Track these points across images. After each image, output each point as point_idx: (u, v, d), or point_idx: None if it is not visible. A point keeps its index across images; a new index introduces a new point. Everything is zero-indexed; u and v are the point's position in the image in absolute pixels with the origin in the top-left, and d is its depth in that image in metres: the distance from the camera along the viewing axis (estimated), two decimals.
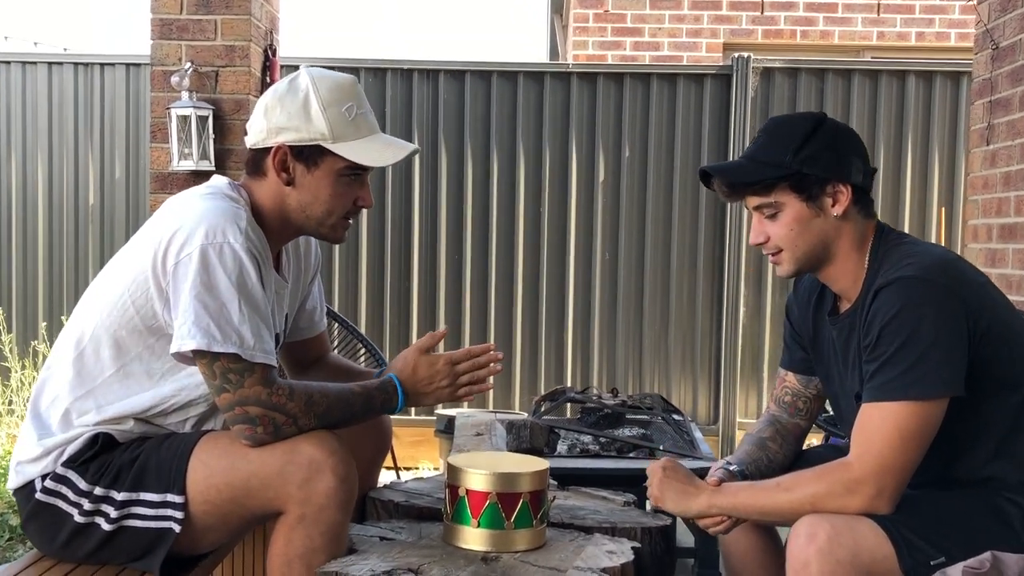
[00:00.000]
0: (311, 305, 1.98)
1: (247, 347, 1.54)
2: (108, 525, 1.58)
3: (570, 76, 4.80)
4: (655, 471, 1.69)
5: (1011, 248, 3.55)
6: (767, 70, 4.78)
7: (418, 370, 1.75)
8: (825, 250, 1.64)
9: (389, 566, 1.52)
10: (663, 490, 1.66)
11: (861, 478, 1.49)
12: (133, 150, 4.88)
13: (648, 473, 1.71)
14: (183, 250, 1.55)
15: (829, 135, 1.63)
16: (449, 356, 1.76)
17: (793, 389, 1.87)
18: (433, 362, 1.75)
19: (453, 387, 1.76)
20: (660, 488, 1.67)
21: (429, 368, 1.75)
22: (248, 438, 1.57)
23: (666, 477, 1.67)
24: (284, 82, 1.70)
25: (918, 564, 1.45)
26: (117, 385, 1.63)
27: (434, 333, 1.79)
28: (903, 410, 1.48)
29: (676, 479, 1.67)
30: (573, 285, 4.82)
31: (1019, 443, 1.56)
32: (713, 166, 1.71)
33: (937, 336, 1.48)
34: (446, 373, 1.75)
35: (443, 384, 1.75)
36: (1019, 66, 3.49)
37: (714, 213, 4.80)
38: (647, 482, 1.71)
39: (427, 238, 4.81)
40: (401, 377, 1.74)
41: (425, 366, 1.75)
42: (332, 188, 1.69)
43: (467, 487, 1.62)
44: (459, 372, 1.76)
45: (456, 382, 1.76)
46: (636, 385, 4.81)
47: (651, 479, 1.69)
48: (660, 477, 1.67)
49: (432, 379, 1.75)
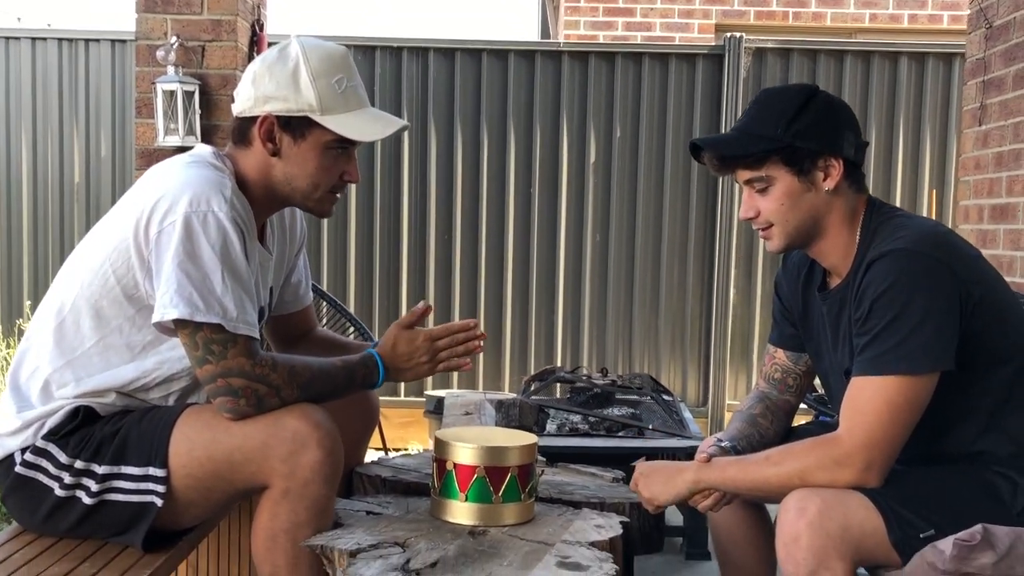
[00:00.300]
0: (296, 278, 1.95)
1: (230, 318, 1.52)
2: (89, 499, 1.56)
3: (561, 55, 4.77)
4: (635, 480, 1.68)
5: (1002, 228, 3.55)
6: (759, 51, 4.75)
7: (398, 345, 1.73)
8: (816, 225, 1.62)
9: (375, 539, 1.50)
10: (649, 486, 1.65)
11: (850, 451, 1.47)
12: (119, 128, 4.83)
13: (631, 488, 1.69)
14: (166, 218, 1.52)
15: (822, 108, 1.60)
16: (429, 332, 1.75)
17: (783, 366, 1.86)
18: (413, 338, 1.74)
19: (432, 363, 1.75)
20: (646, 486, 1.65)
21: (409, 344, 1.73)
22: (230, 411, 1.54)
23: (645, 475, 1.66)
24: (274, 50, 1.66)
25: (908, 537, 1.45)
26: (97, 357, 1.60)
27: (415, 309, 1.77)
28: (893, 384, 1.46)
29: (656, 470, 1.66)
30: (563, 265, 4.80)
31: (1009, 417, 1.55)
32: (704, 139, 1.68)
33: (929, 310, 1.46)
34: (425, 349, 1.74)
35: (422, 360, 1.74)
36: (1012, 45, 3.48)
37: (705, 194, 4.78)
38: (638, 495, 1.68)
39: (416, 217, 4.78)
40: (382, 352, 1.73)
41: (405, 342, 1.74)
42: (318, 161, 1.65)
43: (455, 461, 1.61)
44: (438, 348, 1.75)
45: (435, 358, 1.75)
46: (626, 367, 4.80)
47: (635, 487, 1.67)
48: (642, 482, 1.66)
49: (412, 355, 1.73)
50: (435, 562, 1.42)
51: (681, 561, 2.96)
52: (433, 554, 1.45)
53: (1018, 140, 3.44)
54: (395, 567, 1.40)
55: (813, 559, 1.43)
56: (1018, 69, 3.44)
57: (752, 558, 1.82)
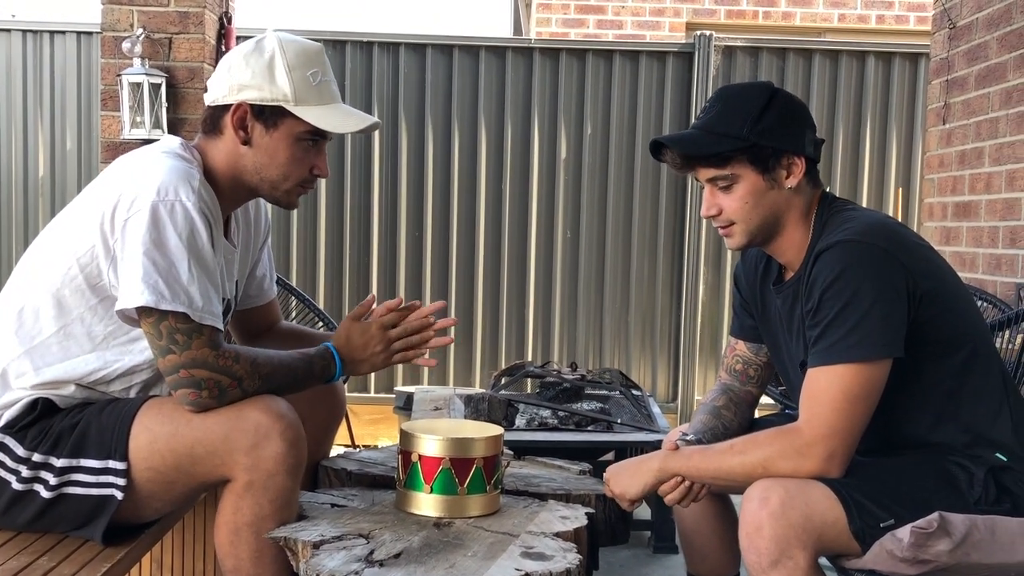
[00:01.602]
0: (261, 272, 1.94)
1: (196, 308, 1.50)
2: (48, 492, 1.53)
3: (532, 52, 4.77)
4: (606, 481, 1.69)
5: (965, 226, 3.61)
6: (729, 49, 4.79)
7: (352, 337, 1.73)
8: (776, 222, 1.63)
9: (339, 531, 1.49)
10: (619, 482, 1.66)
11: (811, 442, 1.49)
12: (85, 121, 4.76)
13: (606, 492, 1.70)
14: (133, 207, 1.50)
15: (784, 107, 1.62)
16: (380, 321, 1.74)
17: (744, 357, 1.87)
18: (365, 329, 1.73)
19: (387, 353, 1.74)
20: (616, 483, 1.67)
21: (362, 335, 1.73)
22: (192, 403, 1.52)
23: (614, 474, 1.68)
24: (251, 42, 1.67)
25: (868, 526, 1.46)
26: (56, 347, 1.58)
27: (363, 301, 1.77)
28: (847, 372, 1.48)
29: (623, 466, 1.68)
30: (535, 261, 4.81)
31: (962, 405, 1.57)
32: (667, 137, 1.67)
33: (876, 298, 1.48)
34: (380, 339, 1.73)
35: (377, 350, 1.73)
36: (975, 45, 3.53)
37: (675, 191, 4.81)
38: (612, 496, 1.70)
39: (387, 213, 4.76)
40: (337, 345, 1.72)
41: (358, 333, 1.73)
42: (289, 152, 1.65)
43: (420, 453, 1.60)
44: (392, 338, 1.74)
45: (390, 348, 1.74)
46: (596, 362, 4.82)
47: (610, 489, 1.69)
48: (613, 480, 1.68)
49: (366, 345, 1.73)
50: (399, 553, 1.42)
51: (649, 555, 2.98)
52: (397, 545, 1.45)
53: (980, 139, 3.50)
54: (359, 558, 1.39)
55: (775, 548, 1.45)
56: (980, 69, 3.50)
57: (716, 549, 1.84)
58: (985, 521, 1.46)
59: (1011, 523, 1.48)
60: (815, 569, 1.47)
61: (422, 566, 1.38)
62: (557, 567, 1.38)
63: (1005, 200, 3.35)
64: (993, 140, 3.40)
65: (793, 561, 1.45)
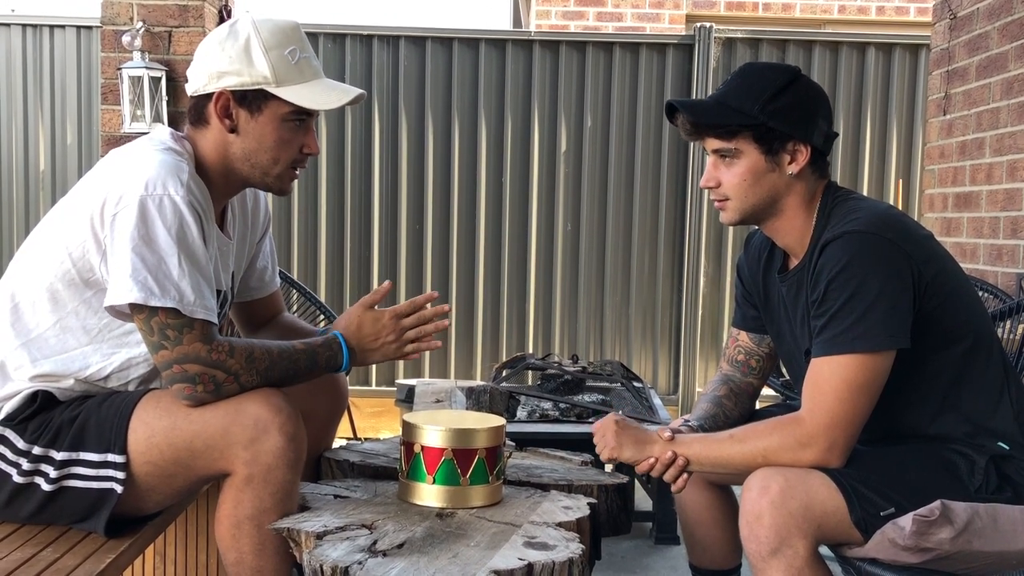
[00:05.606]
0: (262, 264, 1.93)
1: (186, 302, 1.49)
2: (48, 485, 1.53)
3: (532, 44, 4.76)
4: (608, 424, 1.67)
5: (965, 217, 3.60)
6: (729, 40, 4.78)
7: (363, 327, 1.70)
8: (773, 205, 1.64)
9: (342, 522, 1.50)
10: (620, 440, 1.65)
11: (813, 432, 1.49)
12: (85, 115, 4.76)
13: (598, 429, 1.69)
14: (121, 201, 1.49)
15: (801, 93, 1.62)
16: (394, 310, 1.71)
17: (746, 348, 1.87)
18: (378, 318, 1.70)
19: (400, 343, 1.71)
20: (617, 439, 1.65)
21: (374, 324, 1.70)
22: (187, 398, 1.52)
23: (621, 429, 1.66)
24: (224, 27, 1.64)
25: (869, 515, 1.47)
26: (54, 339, 1.58)
27: (378, 288, 1.74)
28: (851, 363, 1.48)
29: (632, 429, 1.66)
30: (535, 254, 4.81)
31: (963, 396, 1.57)
32: (682, 101, 1.67)
33: (883, 289, 1.48)
34: (392, 328, 1.70)
35: (389, 340, 1.70)
36: (975, 36, 3.53)
37: (676, 183, 4.81)
38: (596, 437, 1.69)
39: (388, 206, 4.76)
40: (346, 335, 1.69)
41: (370, 322, 1.70)
42: (277, 134, 1.63)
43: (422, 443, 1.60)
44: (405, 327, 1.71)
45: (402, 337, 1.71)
46: (597, 354, 4.83)
47: (604, 432, 1.67)
48: (615, 430, 1.66)
49: (378, 335, 1.70)
50: (402, 543, 1.42)
51: (650, 546, 2.98)
52: (400, 535, 1.45)
53: (980, 129, 3.50)
54: (362, 548, 1.39)
55: (776, 537, 1.45)
56: (980, 59, 3.49)
57: (717, 538, 1.84)
58: (987, 509, 1.47)
59: (1013, 511, 1.48)
60: (815, 558, 1.47)
61: (425, 556, 1.38)
62: (560, 557, 1.39)
63: (1006, 191, 3.34)
64: (994, 131, 3.40)
65: (793, 550, 1.45)
